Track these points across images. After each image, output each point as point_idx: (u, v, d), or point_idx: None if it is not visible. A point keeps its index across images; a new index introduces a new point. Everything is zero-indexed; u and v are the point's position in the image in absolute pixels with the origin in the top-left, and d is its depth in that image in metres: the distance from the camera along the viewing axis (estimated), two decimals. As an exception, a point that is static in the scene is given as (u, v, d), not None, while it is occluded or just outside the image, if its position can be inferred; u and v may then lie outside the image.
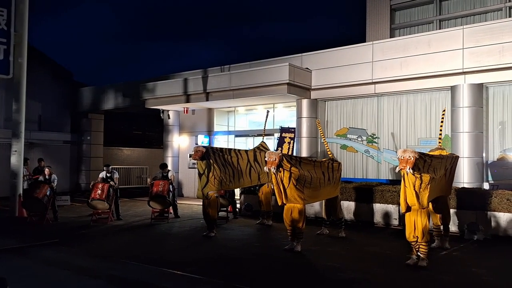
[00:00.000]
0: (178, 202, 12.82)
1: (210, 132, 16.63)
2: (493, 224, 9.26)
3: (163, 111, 16.89)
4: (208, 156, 9.32)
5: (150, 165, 20.74)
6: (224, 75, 14.26)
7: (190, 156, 16.53)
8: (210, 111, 16.65)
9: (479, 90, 11.03)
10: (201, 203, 9.68)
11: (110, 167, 12.13)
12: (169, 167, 15.42)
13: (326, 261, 7.30)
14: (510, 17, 13.43)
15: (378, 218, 10.83)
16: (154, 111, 17.38)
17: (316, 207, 11.52)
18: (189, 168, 16.79)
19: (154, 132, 24.78)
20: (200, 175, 9.37)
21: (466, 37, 10.95)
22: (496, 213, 9.23)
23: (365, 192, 11.04)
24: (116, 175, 11.98)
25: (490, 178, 11.06)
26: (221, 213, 11.41)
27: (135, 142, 23.98)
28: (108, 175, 11.83)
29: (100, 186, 11.20)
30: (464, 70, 10.95)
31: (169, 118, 17.10)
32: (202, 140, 16.25)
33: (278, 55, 14.24)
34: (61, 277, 6.44)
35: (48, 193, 11.12)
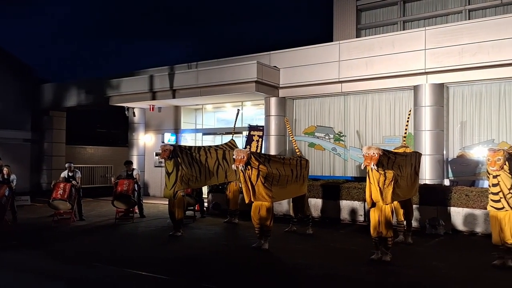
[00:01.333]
0: (144, 201, 12.58)
1: (177, 130, 16.41)
2: (452, 219, 9.59)
3: (128, 108, 16.52)
4: (176, 154, 9.19)
5: (114, 164, 20.24)
6: (191, 72, 14.10)
7: (156, 155, 16.27)
8: (177, 108, 16.43)
9: (440, 89, 11.40)
10: (167, 202, 9.53)
11: (72, 165, 11.74)
12: (135, 166, 15.14)
13: (294, 259, 7.34)
14: (469, 19, 13.94)
15: (344, 215, 11.00)
16: (119, 109, 16.98)
17: (284, 205, 11.58)
18: (155, 166, 16.52)
19: (119, 130, 24.21)
20: (168, 174, 9.22)
21: (428, 38, 11.28)
22: (456, 208, 9.57)
23: (332, 189, 11.19)
24: (78, 174, 11.62)
25: (450, 175, 11.46)
26: (188, 212, 11.29)
27: (99, 140, 23.37)
28: (70, 174, 11.46)
29: (61, 185, 10.83)
30: (426, 70, 11.29)
31: (134, 115, 16.75)
32: (169, 138, 16.00)
33: (247, 53, 14.23)
34: (20, 281, 6.17)
35: (6, 194, 10.62)
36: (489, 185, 6.74)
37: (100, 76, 17.49)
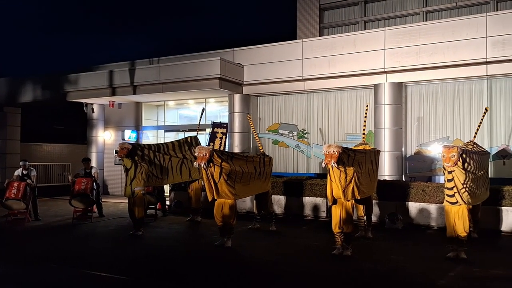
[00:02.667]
0: (103, 200, 12.23)
1: (138, 127, 16.05)
2: (410, 213, 9.91)
3: (86, 104, 15.99)
4: (135, 153, 9.01)
5: (72, 162, 19.52)
6: (153, 67, 13.82)
7: (116, 152, 15.83)
8: (138, 105, 16.06)
9: (399, 88, 11.73)
10: (127, 201, 9.31)
11: (27, 163, 11.24)
12: (94, 164, 14.69)
13: (257, 256, 7.35)
14: (426, 21, 14.43)
15: (307, 211, 11.13)
16: (77, 105, 16.40)
17: (247, 202, 11.57)
18: (115, 164, 16.07)
19: (77, 127, 23.39)
20: (126, 170, 9.02)
21: (388, 39, 11.58)
22: (413, 203, 9.90)
23: (295, 186, 11.29)
24: (33, 173, 11.14)
25: (408, 171, 11.83)
26: (149, 211, 11.09)
27: (56, 138, 22.48)
28: (24, 172, 10.97)
29: (15, 184, 10.37)
30: (386, 70, 11.58)
31: (93, 112, 16.23)
32: (130, 135, 15.63)
33: (210, 49, 14.10)
34: (-33, 285, 5.83)
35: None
36: (444, 180, 6.99)
37: (57, 70, 16.83)
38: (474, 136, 8.95)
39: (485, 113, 9.21)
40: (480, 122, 9.08)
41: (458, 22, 10.97)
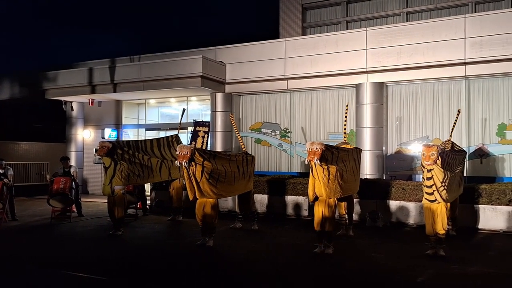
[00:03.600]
0: (82, 200, 12.02)
1: (118, 126, 15.82)
2: (391, 211, 10.03)
3: (65, 102, 15.68)
4: (115, 152, 8.87)
5: (51, 161, 19.13)
6: (134, 65, 13.65)
7: (95, 151, 15.58)
8: (118, 103, 15.84)
9: (380, 88, 11.86)
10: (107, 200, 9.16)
11: (4, 162, 10.95)
12: (73, 163, 14.44)
13: (238, 255, 7.32)
14: (407, 21, 14.61)
15: (289, 210, 11.15)
16: (56, 103, 16.07)
17: (229, 201, 11.52)
18: (95, 163, 15.83)
19: (56, 125, 22.90)
20: (106, 168, 8.87)
21: (369, 39, 11.69)
22: (394, 202, 10.02)
23: (278, 185, 11.30)
24: (10, 172, 10.87)
25: (388, 170, 11.97)
26: (129, 211, 10.95)
27: (35, 136, 21.96)
28: (1, 171, 10.67)
29: (-10, 184, 10.07)
30: (367, 70, 11.69)
31: (72, 110, 15.93)
32: (110, 134, 15.39)
33: (192, 47, 13.99)
34: None
35: None
36: (422, 178, 7.08)
37: (35, 68, 16.46)
38: (450, 135, 9.12)
39: (457, 115, 9.39)
40: (454, 124, 9.26)
41: (438, 23, 11.14)
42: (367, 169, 11.55)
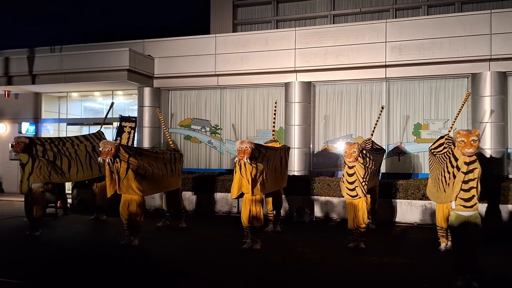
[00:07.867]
0: (-6, 199, 11.08)
1: (37, 120, 14.76)
2: (317, 207, 10.40)
3: (-24, 93, 14.32)
4: (33, 148, 8.29)
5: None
6: (55, 56, 12.80)
7: (11, 147, 14.41)
8: (37, 95, 14.77)
9: (308, 87, 12.22)
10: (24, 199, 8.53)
11: None
12: (-16, 159, 13.22)
13: (165, 254, 7.17)
14: (333, 23, 15.19)
15: (219, 207, 11.13)
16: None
17: (156, 199, 11.25)
18: (11, 160, 14.63)
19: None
20: (23, 165, 8.27)
21: (298, 39, 11.99)
22: (319, 197, 10.40)
23: (207, 182, 11.23)
24: None
25: (314, 167, 12.40)
26: (49, 210, 10.29)
27: None
28: None
29: None
30: (296, 69, 11.98)
31: (-16, 102, 14.58)
32: (28, 128, 14.33)
33: (118, 39, 13.43)
34: None
35: None
36: (343, 175, 7.40)
37: None
38: (372, 134, 9.66)
39: (381, 111, 9.98)
40: (377, 120, 9.83)
41: (361, 27, 11.71)
42: (295, 166, 11.86)
